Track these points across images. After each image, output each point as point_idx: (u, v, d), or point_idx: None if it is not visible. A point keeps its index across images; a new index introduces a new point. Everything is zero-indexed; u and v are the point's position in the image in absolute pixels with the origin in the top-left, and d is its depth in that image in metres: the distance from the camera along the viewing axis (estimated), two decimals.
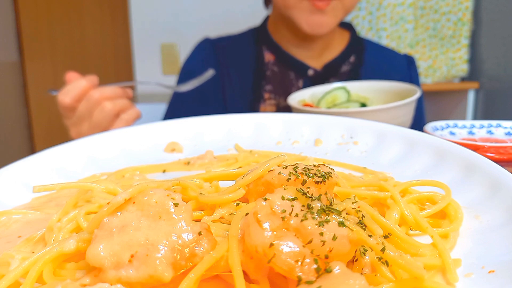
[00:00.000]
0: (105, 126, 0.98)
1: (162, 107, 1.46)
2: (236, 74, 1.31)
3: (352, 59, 1.32)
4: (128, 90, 1.07)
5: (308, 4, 1.14)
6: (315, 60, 1.30)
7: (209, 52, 1.36)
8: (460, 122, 0.85)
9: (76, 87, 1.00)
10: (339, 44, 1.33)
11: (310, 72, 1.28)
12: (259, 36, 1.34)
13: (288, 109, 1.25)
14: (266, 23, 1.36)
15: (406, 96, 1.02)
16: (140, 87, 3.18)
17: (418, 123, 1.19)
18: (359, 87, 1.10)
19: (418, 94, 0.93)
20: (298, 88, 1.27)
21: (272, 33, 1.32)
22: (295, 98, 1.05)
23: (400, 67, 1.38)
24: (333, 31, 1.26)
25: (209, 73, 1.14)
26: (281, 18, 1.26)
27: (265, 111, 1.27)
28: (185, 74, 1.36)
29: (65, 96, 1.00)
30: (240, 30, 1.43)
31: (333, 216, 0.32)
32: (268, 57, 1.30)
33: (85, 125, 1.00)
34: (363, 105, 1.03)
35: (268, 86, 1.28)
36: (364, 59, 1.33)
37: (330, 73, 1.29)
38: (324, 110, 0.91)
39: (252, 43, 1.33)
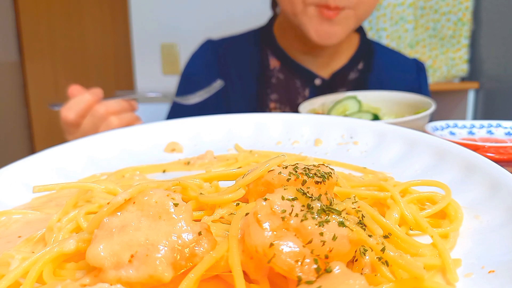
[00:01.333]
0: None
1: (163, 108, 1.46)
2: (240, 80, 1.27)
3: (360, 65, 1.26)
4: (133, 103, 1.04)
5: (315, 11, 1.08)
6: (323, 68, 1.25)
7: (211, 55, 1.32)
8: (460, 122, 0.85)
9: (80, 102, 0.96)
10: (348, 49, 1.27)
11: (317, 82, 1.23)
12: (263, 38, 1.29)
13: None
14: (272, 25, 1.30)
15: (418, 107, 1.00)
16: (141, 89, 3.18)
17: None
18: (370, 97, 1.08)
19: (432, 108, 0.91)
20: (304, 97, 1.22)
21: (278, 38, 1.27)
22: (306, 107, 1.03)
23: (409, 73, 1.32)
24: None
25: (218, 84, 1.10)
26: (288, 24, 1.21)
27: None
28: (187, 77, 1.33)
29: (69, 112, 0.96)
30: (242, 30, 1.39)
31: (333, 216, 0.32)
32: (274, 63, 1.26)
33: None
34: (375, 115, 1.02)
35: (273, 95, 1.24)
36: (373, 65, 1.27)
37: (337, 82, 1.24)
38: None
39: (256, 46, 1.29)
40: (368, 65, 1.26)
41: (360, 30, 1.30)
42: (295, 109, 1.20)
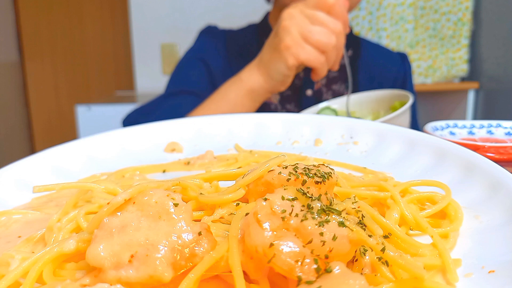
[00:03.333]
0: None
1: None
2: (243, 63, 1.34)
3: (349, 53, 1.37)
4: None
5: None
6: None
7: (218, 37, 1.38)
8: (460, 122, 0.85)
9: (343, 5, 0.94)
10: None
11: None
12: (260, 30, 1.37)
13: (290, 97, 1.31)
14: (267, 18, 1.39)
15: (393, 100, 1.02)
16: (141, 89, 3.18)
17: (412, 126, 1.21)
18: (344, 102, 1.11)
19: (411, 100, 0.91)
20: (299, 78, 1.32)
21: (273, 28, 1.35)
22: None
23: (395, 62, 1.43)
24: None
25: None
26: None
27: (269, 99, 1.31)
28: (194, 54, 1.36)
29: None
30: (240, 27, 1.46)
31: (333, 216, 0.32)
32: None
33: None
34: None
35: None
36: (360, 53, 1.38)
37: None
38: None
39: (255, 37, 1.36)
40: (356, 52, 1.38)
41: None
42: (290, 88, 1.30)
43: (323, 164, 0.40)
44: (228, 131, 0.72)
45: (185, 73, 1.32)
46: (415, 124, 1.31)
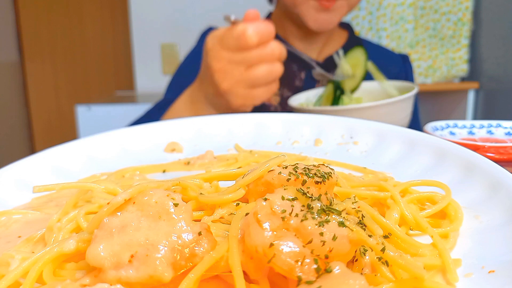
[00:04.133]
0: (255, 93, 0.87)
1: None
2: None
3: None
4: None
5: (315, 3, 1.18)
6: (317, 54, 1.37)
7: None
8: (460, 122, 0.85)
9: (265, 29, 0.85)
10: (338, 40, 1.40)
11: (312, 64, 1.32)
12: None
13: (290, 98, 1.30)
14: (270, 19, 1.40)
15: (401, 92, 1.03)
16: (141, 89, 3.18)
17: (413, 125, 1.21)
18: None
19: (415, 90, 0.93)
20: (301, 79, 1.33)
21: (276, 28, 1.35)
22: (295, 101, 1.08)
23: (396, 63, 1.44)
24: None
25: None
26: (286, 14, 1.32)
27: (269, 100, 1.31)
28: (194, 59, 1.36)
29: (253, 32, 0.83)
30: None
31: (333, 216, 0.32)
32: None
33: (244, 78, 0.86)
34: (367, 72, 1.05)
35: None
36: None
37: (330, 65, 1.34)
38: (322, 108, 0.91)
39: None
40: None
41: (348, 28, 1.45)
42: (292, 89, 1.30)
43: (323, 164, 0.40)
44: (228, 131, 0.72)
45: (184, 81, 1.32)
46: (417, 124, 1.31)
